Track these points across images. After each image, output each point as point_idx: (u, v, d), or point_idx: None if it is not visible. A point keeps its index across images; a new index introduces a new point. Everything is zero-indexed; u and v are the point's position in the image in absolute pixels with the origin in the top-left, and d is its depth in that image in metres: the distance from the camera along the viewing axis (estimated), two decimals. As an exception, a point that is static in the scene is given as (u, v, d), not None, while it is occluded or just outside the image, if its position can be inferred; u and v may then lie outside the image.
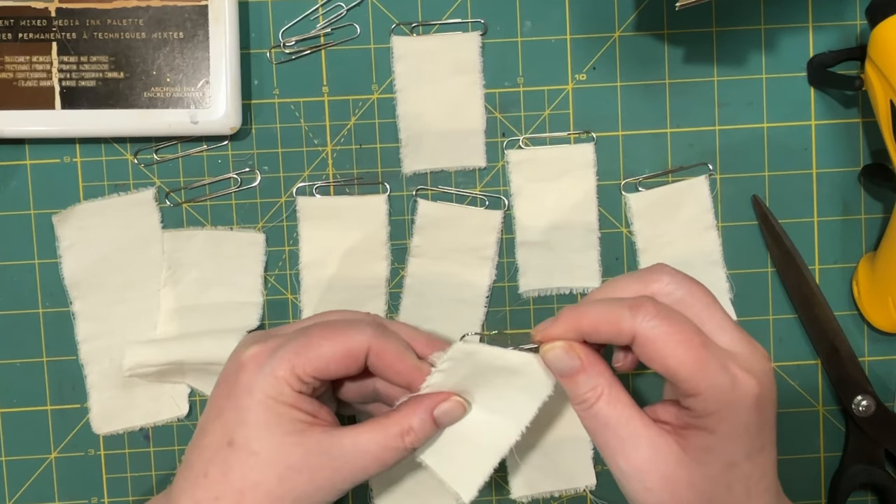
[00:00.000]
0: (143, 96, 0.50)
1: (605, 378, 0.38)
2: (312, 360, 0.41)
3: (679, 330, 0.36)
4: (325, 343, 0.41)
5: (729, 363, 0.37)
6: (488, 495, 0.52)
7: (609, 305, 0.38)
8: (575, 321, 0.38)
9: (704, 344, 0.37)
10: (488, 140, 0.52)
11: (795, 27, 0.52)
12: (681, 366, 0.36)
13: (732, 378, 0.36)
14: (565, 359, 0.39)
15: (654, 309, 0.37)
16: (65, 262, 0.51)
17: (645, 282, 0.39)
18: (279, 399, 0.41)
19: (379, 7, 0.51)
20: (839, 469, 0.52)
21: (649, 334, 0.36)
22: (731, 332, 0.38)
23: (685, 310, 0.38)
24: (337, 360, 0.41)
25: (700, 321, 0.38)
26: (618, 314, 0.37)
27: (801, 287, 0.52)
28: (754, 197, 0.52)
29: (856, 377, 0.51)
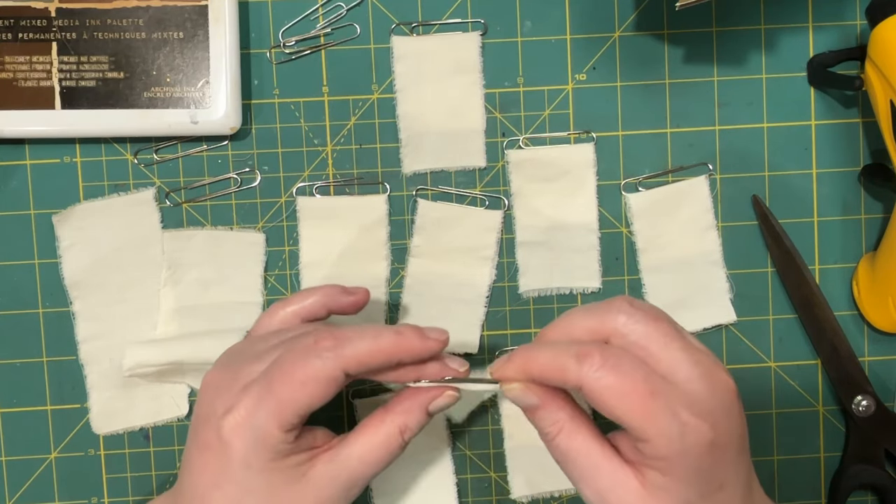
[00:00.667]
0: (143, 96, 0.50)
1: (564, 412, 0.39)
2: (293, 410, 0.39)
3: (626, 380, 0.36)
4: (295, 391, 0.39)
5: (680, 409, 0.36)
6: (488, 495, 0.52)
7: (557, 353, 0.38)
8: (525, 366, 0.39)
9: (653, 393, 0.36)
10: (488, 140, 0.52)
11: (795, 27, 0.52)
12: (628, 416, 0.36)
13: (682, 425, 0.36)
14: (523, 398, 0.39)
15: (600, 359, 0.36)
16: (65, 262, 0.51)
17: (601, 319, 0.38)
18: (278, 459, 0.40)
19: (379, 7, 0.51)
20: (839, 469, 0.52)
21: (595, 385, 0.36)
22: (688, 369, 0.37)
23: (640, 350, 0.38)
24: (318, 396, 0.40)
25: (656, 360, 0.37)
26: (565, 363, 0.37)
27: (801, 287, 0.51)
28: (754, 197, 0.52)
29: (856, 377, 0.51)
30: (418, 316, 0.52)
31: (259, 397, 0.40)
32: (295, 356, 0.40)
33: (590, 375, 0.36)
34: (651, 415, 0.36)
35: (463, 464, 0.52)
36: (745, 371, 0.52)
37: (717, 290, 0.52)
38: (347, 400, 0.52)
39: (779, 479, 0.53)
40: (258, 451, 0.40)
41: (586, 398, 0.37)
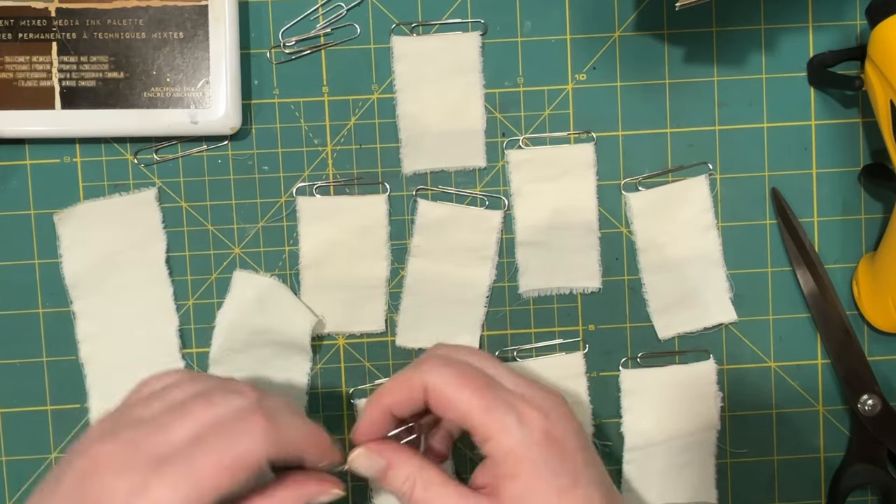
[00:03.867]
0: (143, 96, 0.50)
1: (412, 465, 0.40)
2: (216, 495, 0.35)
3: (464, 374, 0.39)
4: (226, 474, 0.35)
5: (515, 402, 0.38)
6: (488, 495, 0.52)
7: (400, 373, 0.40)
8: (378, 402, 0.40)
9: (488, 384, 0.39)
10: (488, 140, 0.52)
11: (795, 27, 0.52)
12: (470, 408, 0.38)
13: (519, 415, 0.38)
14: (370, 463, 0.40)
15: (437, 360, 0.39)
16: (65, 261, 0.51)
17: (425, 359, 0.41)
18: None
19: (379, 7, 0.51)
20: (840, 467, 0.52)
21: (437, 381, 0.39)
22: (511, 378, 0.40)
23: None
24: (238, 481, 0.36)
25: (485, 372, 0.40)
26: (407, 375, 0.40)
27: (813, 283, 0.52)
28: (773, 189, 0.52)
29: (864, 376, 0.51)
30: (418, 316, 0.52)
31: (176, 481, 0.34)
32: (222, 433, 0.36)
33: (431, 374, 0.39)
34: (490, 404, 0.38)
35: (463, 464, 0.52)
36: (745, 371, 0.52)
37: (717, 290, 0.52)
38: (347, 400, 0.52)
39: (779, 479, 0.53)
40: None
41: (432, 402, 0.39)
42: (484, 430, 0.38)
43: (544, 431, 0.38)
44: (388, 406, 0.40)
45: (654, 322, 0.52)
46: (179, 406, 0.37)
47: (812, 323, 0.52)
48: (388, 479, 0.40)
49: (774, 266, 0.52)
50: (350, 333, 0.52)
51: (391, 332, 0.52)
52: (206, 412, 0.37)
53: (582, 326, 0.52)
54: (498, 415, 0.38)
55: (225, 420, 0.36)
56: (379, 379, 0.52)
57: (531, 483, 0.37)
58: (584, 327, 0.52)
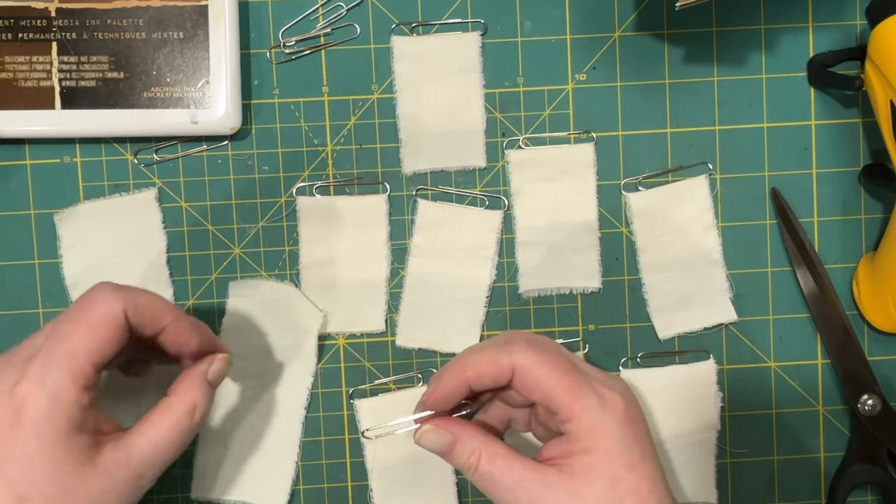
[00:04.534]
0: (143, 96, 0.50)
1: (478, 439, 0.41)
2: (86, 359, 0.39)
3: (550, 357, 0.41)
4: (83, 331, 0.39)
5: (595, 384, 0.41)
6: (488, 495, 0.52)
7: (484, 349, 0.42)
8: (459, 374, 0.42)
9: (574, 368, 0.41)
10: (488, 140, 0.52)
11: (795, 27, 0.52)
12: (556, 390, 0.40)
13: (600, 397, 0.40)
14: (438, 438, 0.42)
15: (525, 341, 0.41)
16: (66, 261, 0.51)
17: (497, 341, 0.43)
18: (69, 427, 0.38)
19: (379, 7, 0.51)
20: (840, 467, 0.52)
21: (526, 363, 0.40)
22: (587, 365, 0.43)
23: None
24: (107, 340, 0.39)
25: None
26: (495, 353, 0.41)
27: (813, 283, 0.52)
28: (773, 190, 0.52)
29: (864, 376, 0.51)
30: (418, 316, 0.52)
31: (48, 355, 0.38)
32: (76, 308, 0.40)
33: (520, 356, 0.40)
34: (575, 387, 0.40)
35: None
36: (745, 371, 0.52)
37: (717, 290, 0.52)
38: (347, 400, 0.52)
39: (779, 479, 0.53)
40: (52, 415, 0.38)
41: (517, 382, 0.41)
42: (567, 410, 0.40)
43: (623, 412, 0.40)
44: (470, 380, 0.41)
45: (654, 322, 0.52)
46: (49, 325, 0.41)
47: (812, 323, 0.52)
48: (455, 453, 0.42)
49: (774, 266, 0.52)
50: (350, 333, 0.52)
51: (391, 332, 0.52)
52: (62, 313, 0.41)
53: (582, 326, 0.52)
54: (583, 396, 0.40)
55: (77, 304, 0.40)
56: (379, 379, 0.52)
57: (605, 457, 0.40)
58: (584, 327, 0.52)
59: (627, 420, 0.41)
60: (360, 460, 0.52)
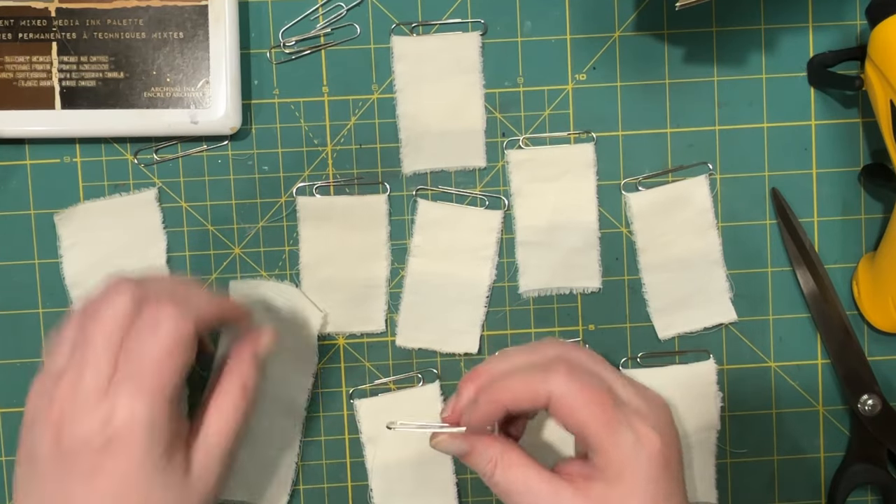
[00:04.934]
0: (143, 96, 0.50)
1: (495, 449, 0.41)
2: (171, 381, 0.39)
3: (592, 390, 0.39)
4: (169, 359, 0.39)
5: (634, 420, 0.39)
6: (488, 495, 0.52)
7: (524, 376, 0.40)
8: (496, 400, 0.41)
9: (614, 403, 0.39)
10: (488, 140, 0.52)
11: (795, 27, 0.52)
12: (589, 423, 0.39)
13: (637, 435, 0.39)
14: (454, 447, 0.42)
15: (567, 370, 0.40)
16: (66, 261, 0.51)
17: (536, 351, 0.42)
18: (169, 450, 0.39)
19: (379, 7, 0.51)
20: (840, 467, 0.52)
21: (564, 393, 0.39)
22: (625, 386, 0.41)
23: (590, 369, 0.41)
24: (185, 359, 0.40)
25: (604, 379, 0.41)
26: (533, 379, 0.40)
27: (813, 283, 0.52)
28: (773, 190, 0.52)
29: (863, 376, 0.51)
30: (418, 316, 0.52)
31: (134, 388, 0.38)
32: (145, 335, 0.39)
33: (559, 385, 0.39)
34: (611, 423, 0.39)
35: (463, 464, 0.52)
36: (745, 371, 0.52)
37: (717, 290, 0.52)
38: (347, 400, 0.52)
39: (779, 479, 0.53)
40: (154, 444, 0.38)
41: (553, 410, 0.40)
42: (598, 443, 0.39)
43: (658, 452, 0.39)
44: (506, 404, 0.41)
45: (654, 322, 0.52)
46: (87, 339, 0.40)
47: (812, 323, 0.52)
48: (471, 461, 0.42)
49: (774, 266, 0.52)
50: (350, 333, 0.52)
51: (391, 332, 0.52)
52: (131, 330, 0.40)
53: (582, 326, 0.52)
54: (618, 432, 0.39)
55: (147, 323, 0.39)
56: (379, 379, 0.52)
57: (626, 494, 0.39)
58: (584, 327, 0.52)
59: (660, 460, 0.39)
60: (360, 460, 0.52)
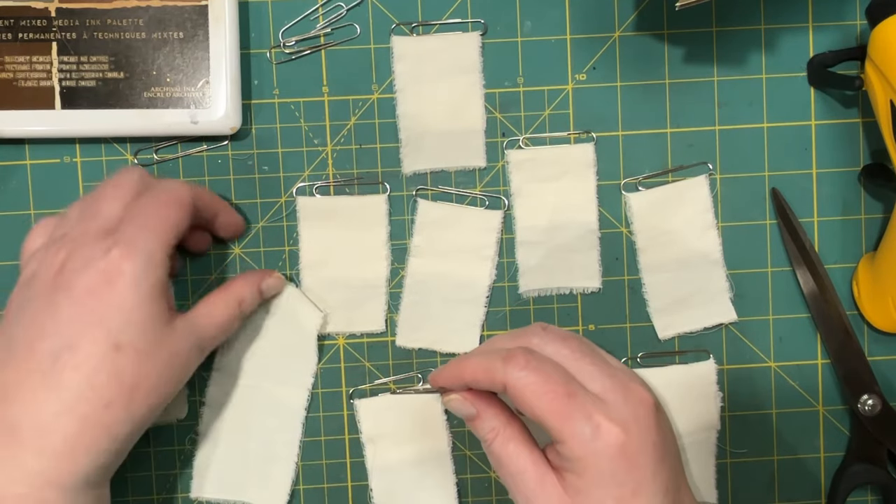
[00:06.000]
0: (143, 96, 0.50)
1: (499, 420, 0.41)
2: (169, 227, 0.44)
3: (546, 380, 0.39)
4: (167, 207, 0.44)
5: (594, 413, 0.39)
6: (488, 495, 0.52)
7: (486, 357, 0.40)
8: (457, 372, 0.42)
9: (570, 394, 0.39)
10: (488, 140, 0.52)
11: (795, 27, 0.52)
12: (545, 415, 0.39)
13: (595, 427, 0.38)
14: (462, 409, 0.42)
15: (524, 360, 0.39)
16: (65, 262, 0.51)
17: (516, 341, 0.42)
18: (159, 289, 0.43)
19: (379, 7, 0.51)
20: (840, 467, 0.52)
21: (518, 384, 0.39)
22: (601, 380, 0.40)
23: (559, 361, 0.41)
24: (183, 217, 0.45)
25: (573, 371, 0.40)
26: (492, 365, 0.40)
27: (813, 283, 0.52)
28: (773, 190, 0.52)
29: (863, 376, 0.51)
30: (418, 316, 0.52)
31: (138, 223, 0.43)
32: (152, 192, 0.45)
33: (514, 375, 0.39)
34: (567, 415, 0.38)
35: (463, 464, 0.52)
36: (745, 371, 0.52)
37: (717, 290, 0.52)
38: (347, 400, 0.52)
39: (779, 479, 0.53)
40: (147, 273, 0.42)
41: (510, 397, 0.40)
42: (557, 434, 0.39)
43: (618, 446, 0.38)
44: (467, 382, 0.41)
45: (654, 322, 0.52)
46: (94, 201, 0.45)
47: (812, 323, 0.52)
48: (476, 426, 0.42)
49: (774, 266, 0.52)
50: (350, 333, 0.52)
51: (391, 332, 0.52)
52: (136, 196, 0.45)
53: (582, 326, 0.52)
54: (573, 424, 0.38)
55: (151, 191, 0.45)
56: (379, 379, 0.52)
57: (592, 487, 0.39)
58: (584, 327, 0.52)
59: (621, 453, 0.38)
60: (360, 460, 0.52)
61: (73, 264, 0.42)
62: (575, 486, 0.39)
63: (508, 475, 0.41)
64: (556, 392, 0.39)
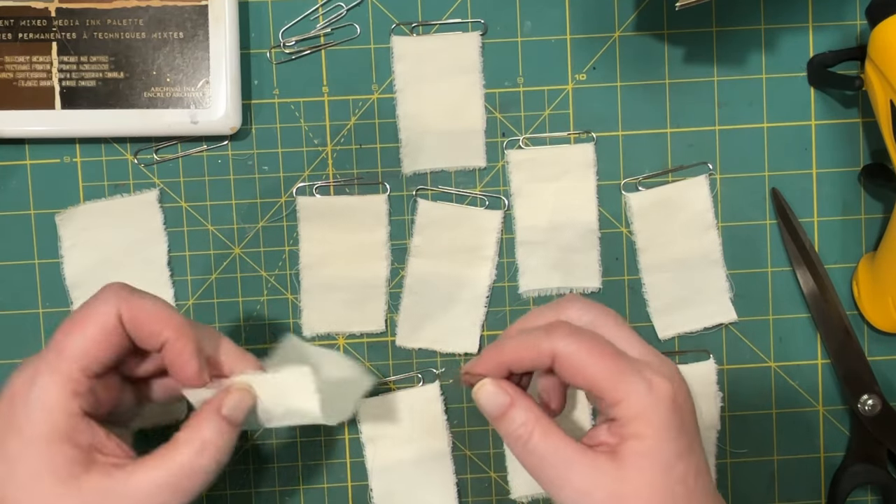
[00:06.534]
0: (143, 96, 0.50)
1: (533, 412, 0.39)
2: (75, 362, 0.37)
3: (593, 344, 0.39)
4: (74, 338, 0.37)
5: (643, 369, 0.38)
6: (488, 495, 0.52)
7: (526, 333, 0.40)
8: (497, 355, 0.40)
9: (618, 354, 0.39)
10: (488, 140, 0.52)
11: (795, 27, 0.52)
12: (600, 375, 0.38)
13: (648, 382, 0.38)
14: (495, 396, 0.40)
15: (567, 328, 0.39)
16: (67, 262, 0.51)
17: (557, 310, 0.41)
18: (54, 434, 0.36)
19: (379, 7, 0.51)
20: (840, 467, 0.52)
21: (567, 350, 0.38)
22: (639, 346, 0.40)
23: (596, 330, 0.40)
24: (97, 344, 0.37)
25: (611, 338, 0.40)
26: (536, 339, 0.39)
27: (813, 283, 0.52)
28: (773, 190, 0.52)
29: (863, 376, 0.51)
30: (418, 316, 0.52)
31: (40, 356, 0.38)
32: (77, 310, 0.39)
33: (560, 343, 0.38)
34: (621, 372, 0.38)
35: (463, 464, 0.52)
36: (745, 371, 0.52)
37: (717, 290, 0.52)
38: (347, 400, 0.52)
39: (779, 479, 0.53)
40: (36, 419, 0.36)
41: (559, 368, 0.39)
42: (614, 395, 0.38)
43: (671, 398, 0.38)
44: (508, 364, 0.40)
45: (654, 322, 0.52)
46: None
47: (812, 323, 0.52)
48: (507, 418, 0.39)
49: (774, 266, 0.52)
50: (350, 333, 0.52)
51: (391, 332, 0.52)
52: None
53: (582, 326, 0.52)
54: (629, 380, 0.38)
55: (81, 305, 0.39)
56: (379, 379, 0.52)
57: (656, 444, 0.38)
58: (584, 327, 0.52)
59: (675, 406, 0.38)
60: (360, 460, 0.52)
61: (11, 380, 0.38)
62: (637, 451, 0.37)
63: (553, 470, 0.38)
64: (606, 353, 0.38)
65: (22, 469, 0.35)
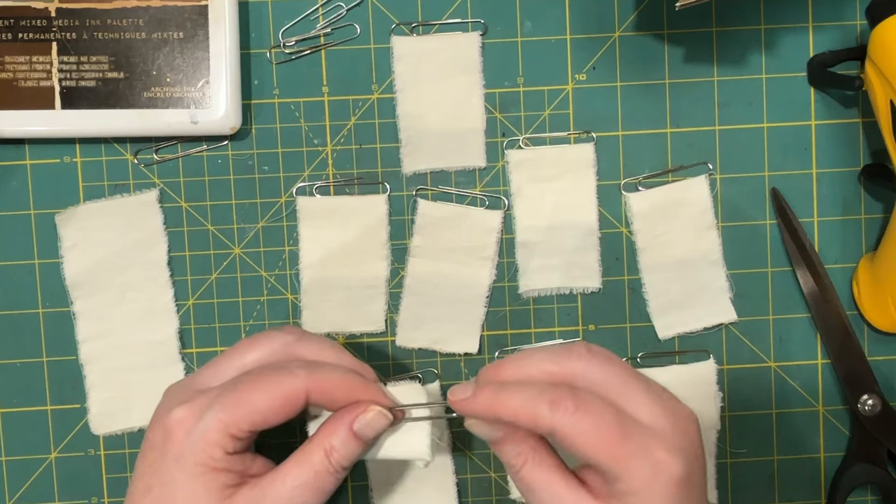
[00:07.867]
0: (143, 96, 0.50)
1: (527, 444, 0.39)
2: (247, 416, 0.39)
3: (600, 424, 0.37)
4: (257, 396, 0.39)
5: (651, 446, 0.37)
6: (488, 495, 0.52)
7: (528, 397, 0.38)
8: (493, 407, 0.39)
9: (625, 435, 0.37)
10: (488, 140, 0.52)
11: (795, 27, 0.52)
12: (602, 455, 0.37)
13: (655, 463, 0.37)
14: (488, 433, 0.40)
15: (572, 404, 0.37)
16: (67, 262, 0.51)
17: (560, 364, 0.39)
18: (210, 465, 0.39)
19: (379, 7, 0.51)
20: (840, 467, 0.52)
21: (569, 431, 0.37)
22: (650, 406, 0.38)
23: (604, 390, 0.39)
24: (275, 410, 0.40)
25: (621, 400, 0.38)
26: (537, 409, 0.37)
27: (813, 282, 0.52)
28: (773, 190, 0.52)
29: (863, 376, 0.51)
30: (418, 316, 0.52)
31: (216, 396, 0.40)
32: (268, 369, 0.40)
33: (563, 421, 0.37)
34: (625, 456, 0.37)
35: (463, 464, 0.52)
36: (745, 371, 0.52)
37: (717, 290, 0.52)
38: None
39: (779, 479, 0.53)
40: (195, 449, 0.39)
41: (558, 443, 0.38)
42: (615, 471, 0.37)
43: (679, 480, 0.37)
44: (503, 419, 0.39)
45: (654, 322, 0.52)
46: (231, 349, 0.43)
47: (812, 323, 0.52)
48: (501, 451, 0.40)
49: (774, 266, 0.52)
50: (350, 333, 0.52)
51: (391, 332, 0.52)
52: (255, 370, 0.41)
53: (582, 326, 0.52)
54: (633, 463, 0.37)
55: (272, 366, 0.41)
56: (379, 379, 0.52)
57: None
58: (584, 327, 0.52)
59: (680, 486, 0.37)
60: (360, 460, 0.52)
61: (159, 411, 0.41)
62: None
63: (540, 501, 0.39)
64: (611, 436, 0.37)
65: (181, 494, 0.39)
